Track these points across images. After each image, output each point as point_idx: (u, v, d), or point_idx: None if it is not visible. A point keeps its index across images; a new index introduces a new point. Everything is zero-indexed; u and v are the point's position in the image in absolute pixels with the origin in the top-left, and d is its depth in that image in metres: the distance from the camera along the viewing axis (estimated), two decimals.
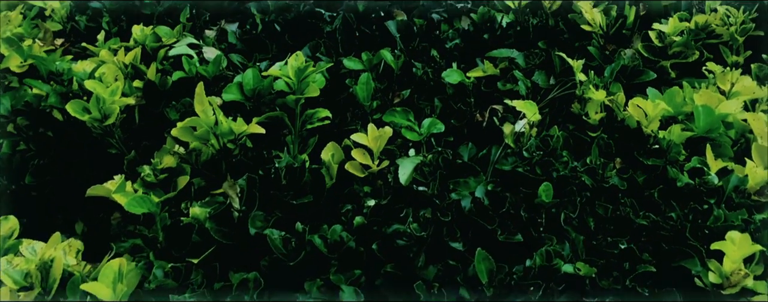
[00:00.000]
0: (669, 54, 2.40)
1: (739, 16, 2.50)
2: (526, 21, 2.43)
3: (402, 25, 2.38)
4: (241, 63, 2.25)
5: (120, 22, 2.72)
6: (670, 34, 2.34)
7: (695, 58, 2.36)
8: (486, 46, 2.41)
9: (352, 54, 2.30)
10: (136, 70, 2.31)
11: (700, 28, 2.52)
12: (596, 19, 2.41)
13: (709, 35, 2.55)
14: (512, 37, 2.42)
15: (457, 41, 2.34)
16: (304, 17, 2.52)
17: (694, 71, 2.43)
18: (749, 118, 2.03)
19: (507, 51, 2.25)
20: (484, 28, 2.45)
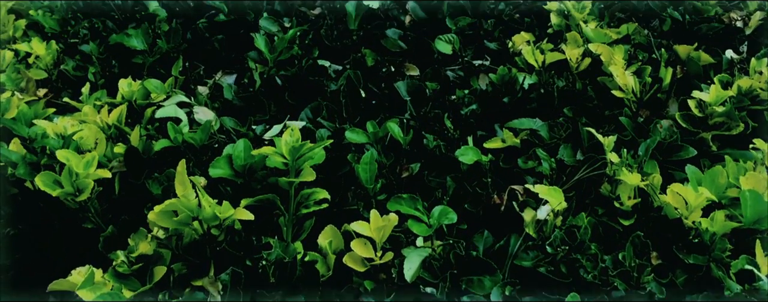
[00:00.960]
0: (710, 124, 2.18)
1: None
2: (551, 83, 2.22)
3: (413, 87, 2.18)
4: (234, 129, 2.04)
5: (110, 69, 2.54)
6: (711, 104, 2.11)
7: (739, 130, 2.13)
8: (506, 110, 2.20)
9: (357, 119, 2.10)
10: (119, 132, 2.11)
11: (744, 93, 2.30)
12: (629, 84, 2.19)
13: (753, 101, 2.32)
14: (535, 101, 2.21)
15: (474, 107, 2.13)
16: (306, 73, 2.32)
17: (738, 141, 2.20)
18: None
19: (528, 121, 2.03)
20: (504, 90, 2.24)
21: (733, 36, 2.72)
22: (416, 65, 2.51)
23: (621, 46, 2.40)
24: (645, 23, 2.75)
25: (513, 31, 2.54)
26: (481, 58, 2.42)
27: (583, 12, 2.49)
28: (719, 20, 2.75)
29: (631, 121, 2.08)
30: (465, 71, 2.35)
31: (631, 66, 2.34)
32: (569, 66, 2.34)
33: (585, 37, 2.44)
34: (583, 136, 2.02)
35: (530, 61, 2.33)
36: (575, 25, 2.50)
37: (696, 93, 2.14)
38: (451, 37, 2.36)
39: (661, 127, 2.06)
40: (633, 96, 2.19)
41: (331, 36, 2.54)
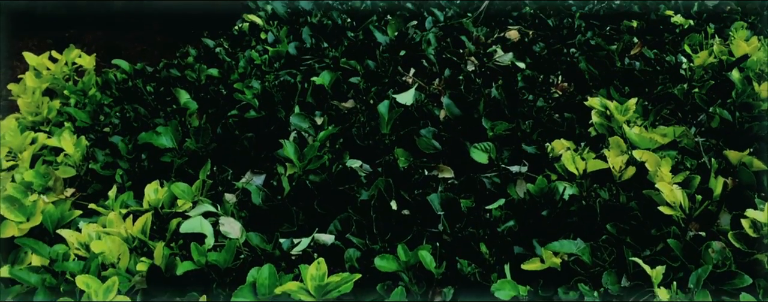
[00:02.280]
0: (766, 243, 2.05)
1: None
2: (592, 196, 2.12)
3: (446, 200, 2.10)
4: (260, 248, 1.99)
5: (139, 164, 2.53)
6: (766, 224, 1.99)
7: None
8: (544, 224, 2.11)
9: (388, 235, 2.03)
10: (142, 245, 2.08)
11: None
12: (677, 199, 2.09)
13: None
14: (575, 215, 2.12)
15: (511, 224, 2.05)
16: (336, 179, 2.27)
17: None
18: None
19: (569, 243, 1.94)
20: (543, 201, 2.15)
21: None
22: (451, 165, 2.44)
23: (668, 153, 2.31)
24: (692, 118, 2.65)
25: (552, 133, 2.47)
26: (519, 162, 2.34)
27: (626, 114, 2.41)
28: None
29: (679, 242, 1.97)
30: (501, 178, 2.27)
31: (678, 175, 2.24)
32: (612, 175, 2.24)
33: (629, 142, 2.35)
34: (628, 261, 1.91)
35: (570, 169, 2.24)
36: (618, 127, 2.41)
37: (749, 212, 2.02)
38: (487, 145, 2.29)
39: (713, 252, 1.94)
40: (681, 212, 2.09)
41: (363, 134, 2.49)
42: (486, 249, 1.92)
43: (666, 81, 2.83)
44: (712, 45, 3.21)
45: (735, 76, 2.79)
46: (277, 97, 2.66)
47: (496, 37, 3.30)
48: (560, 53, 3.09)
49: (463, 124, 2.54)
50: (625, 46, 3.08)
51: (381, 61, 2.89)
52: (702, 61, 2.94)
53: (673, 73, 2.92)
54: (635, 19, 3.43)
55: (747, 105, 2.72)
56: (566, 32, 3.33)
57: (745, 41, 3.16)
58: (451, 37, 3.26)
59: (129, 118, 2.87)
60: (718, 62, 3.00)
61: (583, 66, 2.82)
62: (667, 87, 2.79)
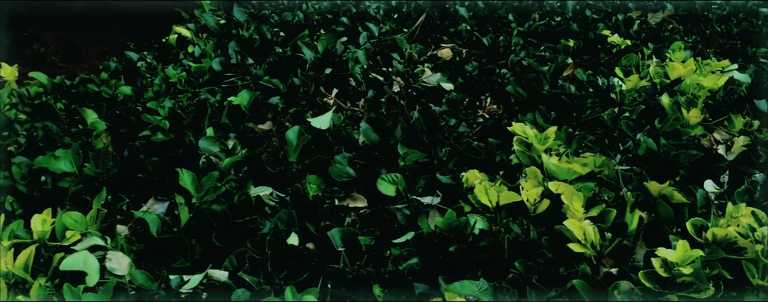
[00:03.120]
0: (678, 282, 1.99)
1: (765, 230, 2.09)
2: (501, 232, 2.05)
3: (347, 235, 2.02)
4: (142, 287, 1.88)
5: (40, 188, 2.41)
6: (677, 264, 1.93)
7: (709, 294, 1.95)
8: (452, 261, 2.03)
9: (284, 273, 1.94)
10: (24, 281, 1.96)
11: (719, 241, 2.13)
12: (589, 236, 2.02)
13: (728, 249, 2.15)
14: (485, 252, 2.04)
15: (414, 262, 1.96)
16: (238, 210, 2.17)
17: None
18: None
19: (470, 284, 1.86)
20: (452, 236, 2.07)
21: (714, 164, 2.56)
22: (366, 194, 2.36)
23: (586, 185, 2.24)
24: (620, 146, 2.59)
25: (470, 162, 2.39)
26: (432, 192, 2.26)
27: (545, 143, 2.34)
28: (698, 146, 2.59)
29: (586, 283, 1.90)
30: (412, 209, 2.19)
31: (593, 208, 2.18)
32: (526, 208, 2.17)
33: (547, 172, 2.29)
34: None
35: (483, 201, 2.17)
36: (537, 156, 2.34)
37: (660, 251, 1.96)
38: (394, 177, 2.21)
39: (618, 294, 1.87)
40: (592, 250, 2.02)
41: (275, 160, 2.40)
42: (379, 291, 1.83)
43: (595, 105, 2.77)
44: (649, 66, 3.17)
45: (664, 101, 2.75)
46: (187, 119, 2.55)
47: (430, 54, 3.23)
48: (492, 73, 3.02)
49: (379, 150, 2.45)
50: (558, 67, 3.02)
51: (303, 80, 2.80)
52: (633, 85, 2.89)
53: (604, 97, 2.87)
54: (573, 38, 3.38)
55: (675, 132, 2.68)
56: (502, 51, 3.27)
57: (682, 63, 3.13)
58: (383, 55, 3.18)
59: (36, 136, 2.75)
60: (651, 85, 2.95)
61: (510, 88, 2.75)
62: (596, 112, 2.73)
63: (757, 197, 2.34)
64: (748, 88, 3.03)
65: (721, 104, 2.87)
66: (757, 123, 2.75)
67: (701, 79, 2.78)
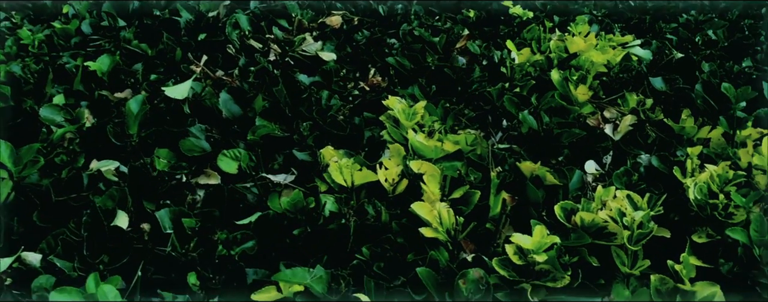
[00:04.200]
0: (535, 270, 1.88)
1: (637, 215, 1.99)
2: (350, 215, 1.91)
3: (177, 216, 1.85)
4: None
5: None
6: (532, 251, 1.82)
7: (564, 283, 1.84)
8: (297, 246, 1.89)
9: (101, 257, 1.76)
10: None
11: (586, 226, 2.02)
12: (444, 220, 1.89)
13: (598, 235, 2.05)
14: (333, 236, 1.89)
15: (249, 246, 1.81)
16: (67, 186, 1.99)
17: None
18: None
19: (302, 272, 1.72)
20: (300, 218, 1.92)
21: (598, 144, 2.45)
22: None
23: (452, 164, 2.11)
24: (501, 124, 2.47)
25: (335, 139, 2.24)
26: (288, 170, 2.10)
27: (413, 118, 2.19)
28: (583, 125, 2.48)
29: (432, 272, 1.77)
30: (260, 189, 2.02)
31: (457, 190, 2.05)
32: (383, 187, 2.03)
33: (413, 150, 2.15)
34: (370, 290, 1.71)
35: (338, 181, 2.02)
36: (406, 132, 2.19)
37: (515, 237, 1.84)
38: (237, 152, 2.04)
39: (464, 283, 1.75)
40: (446, 236, 1.89)
41: (122, 132, 2.21)
42: (195, 279, 1.67)
43: (483, 79, 2.64)
44: (551, 40, 3.05)
45: (554, 76, 2.62)
46: (28, 84, 2.33)
47: (321, 21, 3.04)
48: (383, 43, 2.86)
49: (239, 123, 2.28)
50: (452, 39, 2.87)
51: (168, 44, 2.60)
52: (525, 59, 2.76)
53: (495, 71, 2.74)
54: (475, 9, 3.23)
55: (562, 110, 2.56)
56: (400, 19, 3.11)
57: (585, 37, 3.01)
58: (268, 21, 2.98)
59: None
60: (546, 60, 2.83)
61: (392, 60, 2.59)
62: (482, 86, 2.60)
63: (635, 179, 2.24)
64: (649, 64, 2.93)
65: (615, 81, 2.76)
66: (650, 101, 2.65)
67: (593, 54, 2.66)
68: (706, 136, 2.52)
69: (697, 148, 2.30)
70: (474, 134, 2.21)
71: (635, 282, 2.06)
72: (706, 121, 2.57)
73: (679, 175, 2.25)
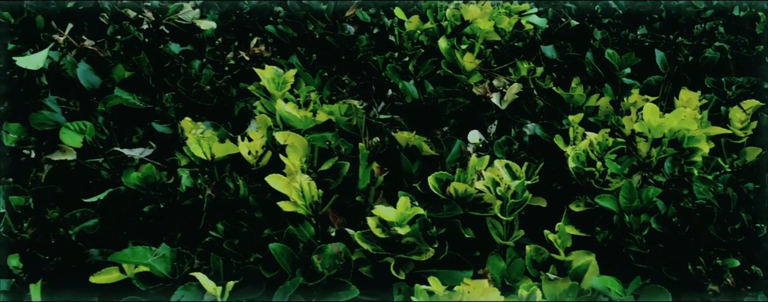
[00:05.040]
0: (402, 244, 1.82)
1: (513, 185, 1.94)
2: (205, 190, 1.80)
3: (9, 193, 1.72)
4: None
5: None
6: (395, 223, 1.75)
7: (429, 255, 1.78)
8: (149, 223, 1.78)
9: None
10: None
11: (460, 197, 1.97)
12: (305, 191, 1.80)
13: (473, 206, 2.00)
14: (189, 212, 1.79)
15: (90, 224, 1.69)
16: None
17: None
18: None
19: (143, 251, 1.62)
20: (154, 194, 1.81)
21: (484, 113, 2.40)
22: None
23: (323, 135, 2.02)
24: (382, 96, 2.39)
25: (201, 110, 2.12)
26: (147, 144, 1.98)
27: (282, 88, 2.10)
28: (467, 94, 2.42)
29: (288, 249, 1.69)
30: (115, 164, 1.90)
31: (326, 162, 1.97)
32: (246, 160, 1.94)
33: (282, 121, 2.05)
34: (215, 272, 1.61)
35: (198, 154, 1.91)
36: (272, 104, 2.10)
37: (377, 209, 1.77)
38: (82, 124, 1.91)
39: (319, 259, 1.67)
40: (307, 210, 1.80)
41: None
42: (18, 262, 1.55)
43: (369, 48, 2.55)
44: (447, 7, 2.98)
45: (442, 45, 2.56)
46: None
47: None
48: (268, 12, 2.73)
49: (99, 94, 2.14)
50: (341, 8, 2.77)
51: (30, 12, 2.43)
52: (414, 27, 2.68)
53: (383, 40, 2.65)
54: None
55: (448, 78, 2.50)
56: None
57: (482, 5, 2.95)
58: None
59: None
60: (438, 28, 2.75)
61: (272, 28, 2.48)
62: (368, 55, 2.51)
63: (515, 148, 2.19)
64: (544, 33, 2.89)
65: (508, 49, 2.71)
66: (540, 69, 2.61)
67: (480, 21, 2.60)
68: (594, 104, 2.50)
69: (579, 115, 2.27)
70: (350, 104, 2.12)
71: (514, 253, 2.03)
72: (595, 89, 2.54)
73: (561, 144, 2.21)
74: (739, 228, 1.92)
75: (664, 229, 1.92)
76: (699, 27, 3.12)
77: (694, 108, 2.38)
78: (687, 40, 2.88)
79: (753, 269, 1.82)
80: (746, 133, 2.35)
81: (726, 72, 2.70)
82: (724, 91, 2.53)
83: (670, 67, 2.67)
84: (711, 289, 1.85)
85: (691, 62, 2.69)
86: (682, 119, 2.18)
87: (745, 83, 2.55)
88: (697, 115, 2.32)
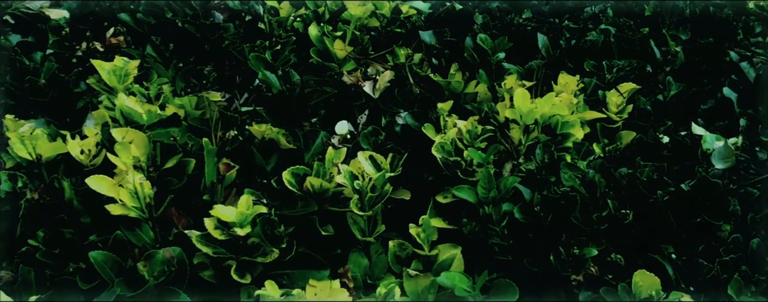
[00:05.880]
0: (248, 245, 1.71)
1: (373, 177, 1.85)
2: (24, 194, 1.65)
3: None
4: None
5: None
6: (235, 224, 1.63)
7: (273, 257, 1.68)
8: None
9: None
10: None
11: (317, 192, 1.87)
12: (139, 192, 1.67)
13: (332, 201, 1.90)
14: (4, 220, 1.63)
15: None
16: None
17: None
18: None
19: None
20: None
21: (354, 102, 2.30)
22: None
23: (165, 132, 1.89)
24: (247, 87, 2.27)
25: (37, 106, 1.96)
26: None
27: (124, 81, 1.95)
28: (337, 83, 2.31)
29: (113, 256, 1.55)
30: None
31: (171, 159, 1.84)
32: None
33: (123, 116, 1.90)
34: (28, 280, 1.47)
35: (22, 155, 1.75)
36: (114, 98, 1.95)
37: (216, 209, 1.65)
38: None
39: (145, 266, 1.54)
40: (141, 212, 1.67)
41: None
42: None
43: (238, 37, 2.41)
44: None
45: (312, 32, 2.44)
46: None
47: None
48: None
49: None
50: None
51: None
52: (287, 13, 2.56)
53: (253, 27, 2.52)
54: None
55: (320, 67, 2.39)
56: None
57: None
58: None
59: None
60: (313, 13, 2.64)
61: (125, 17, 2.33)
62: (234, 44, 2.38)
63: (382, 138, 2.10)
64: (427, 17, 2.80)
65: (387, 36, 2.61)
66: (418, 56, 2.52)
67: (351, 6, 2.50)
68: (473, 90, 2.43)
69: (449, 103, 2.19)
70: (202, 96, 1.99)
71: (381, 249, 1.94)
72: (475, 76, 2.47)
73: (431, 133, 2.13)
74: (605, 216, 1.87)
75: (527, 219, 1.86)
76: (589, 10, 3.09)
77: (571, 92, 2.33)
78: (573, 24, 2.84)
79: (613, 257, 1.77)
80: (622, 117, 2.31)
81: (610, 55, 2.67)
82: (603, 74, 2.49)
83: (552, 51, 2.62)
84: (574, 279, 1.80)
85: (574, 46, 2.64)
86: (553, 104, 2.12)
87: (626, 66, 2.51)
88: (573, 99, 2.27)
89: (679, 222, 1.86)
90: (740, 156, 2.12)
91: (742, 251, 1.83)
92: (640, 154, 2.18)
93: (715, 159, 2.07)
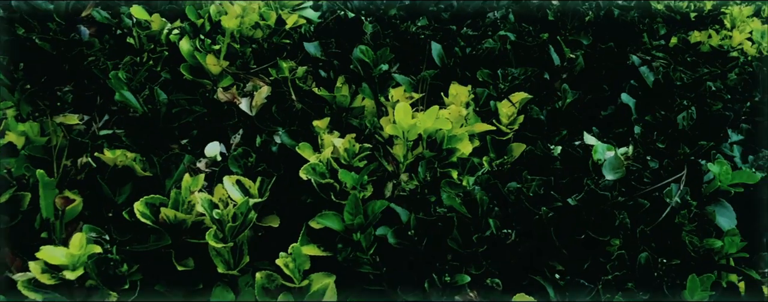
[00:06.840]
0: (86, 288, 1.54)
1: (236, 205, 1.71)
2: None
3: None
4: None
5: None
6: (66, 267, 1.47)
7: (114, 299, 1.52)
8: None
9: None
10: None
11: (173, 223, 1.72)
12: None
13: (192, 232, 1.75)
14: None
15: None
16: None
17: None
18: None
19: None
20: None
21: (228, 121, 2.16)
22: None
23: None
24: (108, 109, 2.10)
25: None
26: None
27: None
28: (209, 101, 2.17)
29: None
30: None
31: (3, 195, 1.66)
32: None
33: None
34: None
35: None
36: None
37: (43, 251, 1.48)
38: None
39: None
40: None
41: None
42: None
43: (104, 54, 2.25)
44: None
45: (183, 46, 2.29)
46: None
47: None
48: None
49: None
50: (78, 7, 2.45)
51: None
52: (158, 26, 2.40)
53: (121, 43, 2.36)
54: None
55: (193, 84, 2.24)
56: None
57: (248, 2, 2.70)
58: None
59: None
60: (190, 26, 2.48)
61: None
62: (100, 62, 2.21)
63: (252, 161, 1.95)
64: (318, 28, 2.68)
65: (269, 48, 2.47)
66: (302, 69, 2.39)
67: (224, 19, 2.35)
68: (360, 104, 2.31)
69: (325, 120, 2.07)
70: (37, 124, 1.82)
71: (251, 280, 1.80)
72: None
73: (307, 152, 2.00)
74: (487, 236, 1.77)
75: (401, 243, 1.74)
76: (491, 15, 3.02)
77: (461, 104, 2.24)
78: (472, 31, 2.75)
79: (490, 282, 1.66)
80: (513, 128, 2.22)
81: (507, 63, 2.59)
82: (498, 83, 2.40)
83: (447, 60, 2.52)
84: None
85: (470, 54, 2.55)
86: (437, 118, 2.01)
87: (521, 74, 2.42)
88: (463, 111, 2.17)
89: (562, 240, 1.77)
90: (632, 165, 2.05)
91: (629, 267, 1.75)
92: (531, 167, 2.09)
93: (605, 170, 1.99)
